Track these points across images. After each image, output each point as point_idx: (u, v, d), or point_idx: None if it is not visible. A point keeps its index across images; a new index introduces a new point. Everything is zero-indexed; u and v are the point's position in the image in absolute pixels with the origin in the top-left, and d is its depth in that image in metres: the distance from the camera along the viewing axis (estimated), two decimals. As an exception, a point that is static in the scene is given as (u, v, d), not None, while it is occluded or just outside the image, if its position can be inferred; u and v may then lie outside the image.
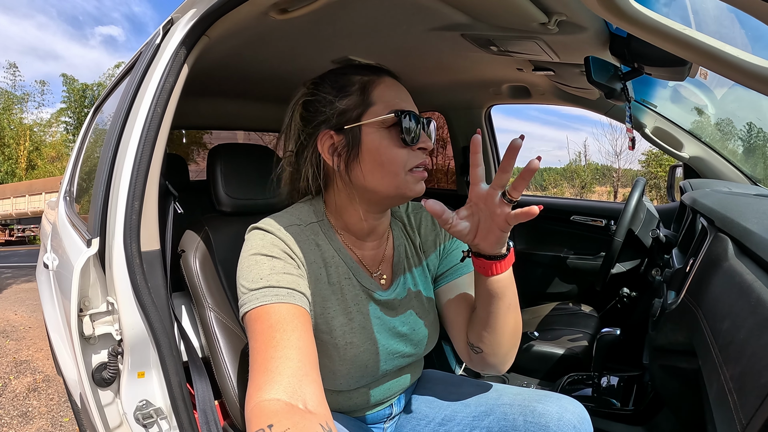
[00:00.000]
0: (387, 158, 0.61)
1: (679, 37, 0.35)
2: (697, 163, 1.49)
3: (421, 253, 0.74)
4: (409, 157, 0.62)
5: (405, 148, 0.62)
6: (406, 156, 0.62)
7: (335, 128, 0.63)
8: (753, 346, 0.43)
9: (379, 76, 0.65)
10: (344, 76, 0.65)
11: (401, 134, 0.61)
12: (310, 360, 0.52)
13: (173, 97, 0.81)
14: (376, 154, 0.61)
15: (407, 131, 0.61)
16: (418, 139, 0.63)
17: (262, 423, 0.44)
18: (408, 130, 0.61)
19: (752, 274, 0.51)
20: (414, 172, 0.63)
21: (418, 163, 0.63)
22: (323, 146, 0.63)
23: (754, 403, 0.38)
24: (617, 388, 1.23)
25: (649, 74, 0.97)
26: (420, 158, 0.63)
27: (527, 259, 1.94)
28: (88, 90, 20.35)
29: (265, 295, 0.55)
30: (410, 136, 0.62)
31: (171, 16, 0.89)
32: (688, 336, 0.68)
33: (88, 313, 0.84)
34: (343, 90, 0.63)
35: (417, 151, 0.63)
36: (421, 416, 0.75)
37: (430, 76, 1.44)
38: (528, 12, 0.79)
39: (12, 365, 2.68)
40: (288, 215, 0.65)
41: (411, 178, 0.63)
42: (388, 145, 0.61)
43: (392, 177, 0.62)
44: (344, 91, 0.63)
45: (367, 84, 0.64)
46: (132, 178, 0.78)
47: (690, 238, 0.94)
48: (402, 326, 0.69)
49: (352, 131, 0.62)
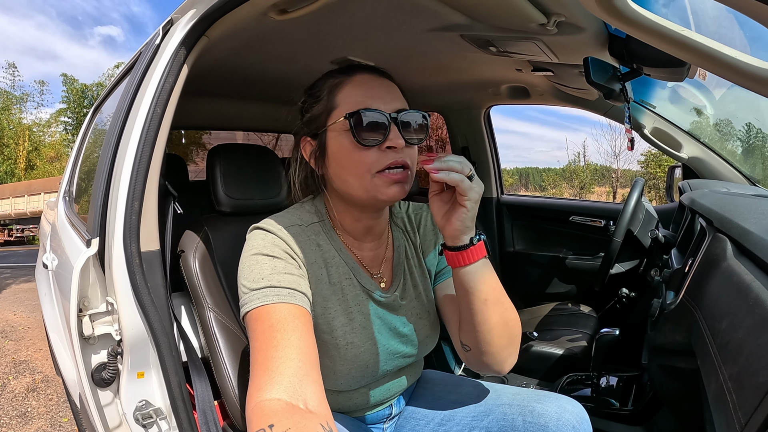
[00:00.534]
0: (349, 161, 0.60)
1: (676, 38, 0.35)
2: (695, 164, 1.49)
3: (420, 254, 0.74)
4: (376, 158, 0.59)
5: (369, 149, 0.59)
6: (372, 157, 0.59)
7: (310, 134, 0.64)
8: (751, 345, 0.43)
9: (350, 76, 0.63)
10: (319, 81, 0.65)
11: (354, 136, 0.59)
12: (311, 360, 0.52)
13: (173, 98, 0.81)
14: (339, 158, 0.61)
15: (360, 133, 0.58)
16: (385, 138, 0.59)
17: (263, 423, 0.44)
18: (360, 131, 0.58)
19: (750, 274, 0.51)
20: (384, 174, 0.59)
21: (389, 164, 0.59)
22: (306, 151, 0.66)
23: (753, 402, 0.38)
24: (616, 388, 1.24)
25: (648, 75, 0.97)
26: (388, 158, 0.59)
27: (526, 259, 1.94)
28: (87, 90, 20.34)
29: (266, 295, 0.55)
30: (367, 138, 0.58)
31: (171, 16, 0.89)
32: (687, 336, 0.68)
33: (88, 313, 0.84)
34: (313, 96, 0.65)
35: (386, 150, 0.59)
36: (420, 416, 0.75)
37: (429, 77, 1.44)
38: (527, 13, 0.80)
39: (11, 365, 2.67)
40: (289, 215, 0.66)
41: (379, 180, 0.59)
42: (348, 148, 0.60)
43: (358, 180, 0.60)
44: (314, 97, 0.64)
45: (333, 87, 0.63)
46: (132, 178, 0.78)
47: (689, 238, 0.94)
48: (402, 327, 0.69)
49: (320, 136, 0.63)
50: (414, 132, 0.62)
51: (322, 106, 0.63)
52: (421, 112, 0.63)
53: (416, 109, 0.62)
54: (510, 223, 2.02)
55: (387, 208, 0.70)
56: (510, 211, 2.02)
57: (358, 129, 0.59)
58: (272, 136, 2.29)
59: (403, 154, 0.60)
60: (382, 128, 0.59)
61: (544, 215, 1.94)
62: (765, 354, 0.40)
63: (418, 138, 0.62)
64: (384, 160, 0.59)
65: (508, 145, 44.40)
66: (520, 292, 1.99)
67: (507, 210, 2.02)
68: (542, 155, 42.16)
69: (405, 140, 0.60)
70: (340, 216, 0.68)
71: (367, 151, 0.59)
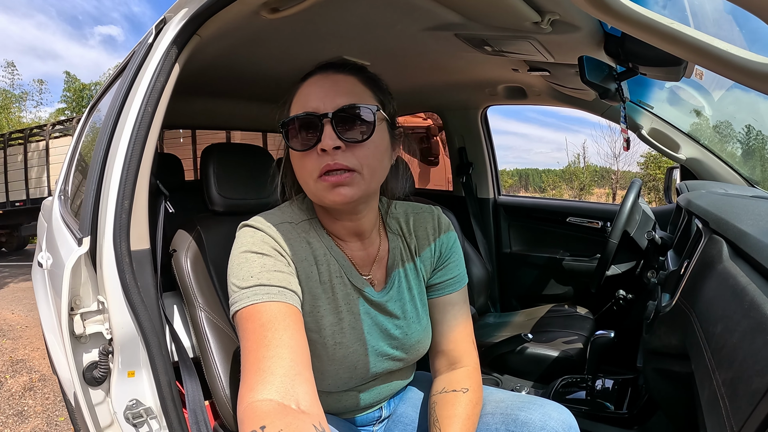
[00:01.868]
0: (296, 167, 0.61)
1: (668, 32, 0.34)
2: (694, 165, 1.48)
3: (416, 257, 0.72)
4: (312, 164, 0.57)
5: (309, 153, 0.57)
6: (309, 163, 0.58)
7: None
8: (745, 350, 0.42)
9: (305, 80, 0.62)
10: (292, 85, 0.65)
11: (287, 143, 0.58)
12: (303, 359, 0.51)
13: (164, 97, 0.80)
14: (292, 163, 0.62)
15: (294, 141, 0.58)
16: (318, 140, 0.56)
17: (255, 424, 0.43)
18: (293, 137, 0.58)
19: (746, 277, 0.50)
20: (322, 178, 0.56)
21: (323, 169, 0.56)
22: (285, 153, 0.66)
23: (746, 410, 0.37)
24: (611, 391, 1.23)
25: (644, 74, 0.97)
26: (322, 162, 0.56)
27: (523, 260, 1.94)
28: (86, 90, 20.34)
29: (256, 294, 0.54)
30: (299, 144, 0.57)
31: (164, 15, 0.89)
32: (682, 339, 0.68)
33: (79, 312, 0.84)
34: (283, 100, 0.65)
35: (322, 154, 0.56)
36: (408, 420, 0.74)
37: (425, 77, 1.44)
38: (520, 11, 0.79)
39: (8, 364, 2.67)
40: (279, 213, 0.65)
41: (320, 185, 0.57)
42: (293, 155, 0.60)
43: (305, 186, 0.60)
44: (282, 102, 0.65)
45: (291, 92, 0.63)
46: (122, 176, 0.78)
47: (685, 240, 0.93)
48: (394, 329, 0.68)
49: None
50: (358, 129, 0.57)
51: (284, 110, 0.63)
52: (367, 105, 0.58)
53: (362, 104, 0.58)
54: (507, 224, 2.01)
55: (374, 208, 0.68)
56: (507, 211, 2.01)
57: (291, 135, 0.58)
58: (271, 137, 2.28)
59: (342, 157, 0.56)
60: (315, 130, 0.57)
61: (541, 216, 1.94)
62: (759, 360, 0.39)
63: (362, 135, 0.57)
64: (316, 165, 0.57)
65: (508, 147, 44.35)
66: (516, 293, 1.98)
67: (504, 211, 2.02)
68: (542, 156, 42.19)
69: (343, 140, 0.56)
70: (320, 216, 0.67)
71: (306, 155, 0.58)
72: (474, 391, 0.66)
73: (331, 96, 0.58)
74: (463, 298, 0.73)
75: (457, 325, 0.71)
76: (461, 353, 0.71)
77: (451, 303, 0.72)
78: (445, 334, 0.71)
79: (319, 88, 0.59)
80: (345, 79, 0.60)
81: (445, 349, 0.71)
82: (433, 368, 0.74)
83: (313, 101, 0.58)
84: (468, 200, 2.02)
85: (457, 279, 0.72)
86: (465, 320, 0.72)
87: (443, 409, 0.64)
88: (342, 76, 0.61)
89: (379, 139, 0.60)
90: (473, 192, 2.04)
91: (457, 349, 0.71)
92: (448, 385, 0.68)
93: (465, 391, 0.66)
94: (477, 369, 0.71)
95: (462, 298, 0.73)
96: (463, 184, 2.03)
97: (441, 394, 0.67)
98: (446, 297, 0.71)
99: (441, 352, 0.72)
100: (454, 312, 0.71)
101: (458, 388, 0.66)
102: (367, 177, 0.58)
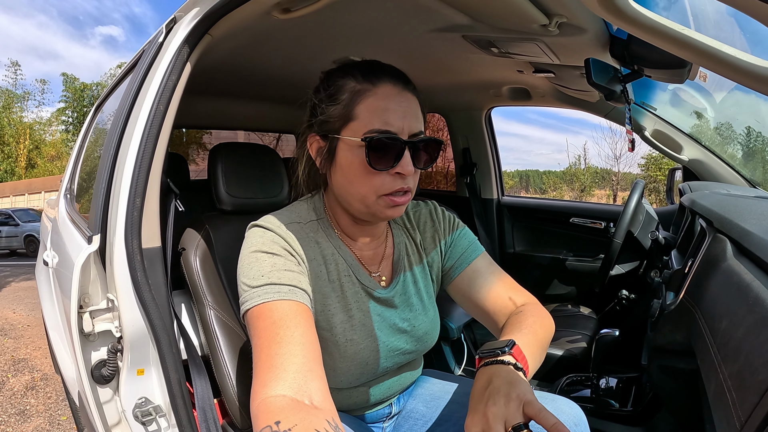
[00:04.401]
0: (356, 179, 0.60)
1: (678, 36, 0.35)
2: (696, 166, 1.50)
3: (421, 250, 0.74)
4: (383, 182, 0.59)
5: (379, 173, 0.59)
6: (380, 181, 0.59)
7: (320, 134, 0.63)
8: (751, 343, 0.43)
9: (375, 85, 0.60)
10: (341, 79, 0.62)
11: (368, 160, 0.57)
12: (314, 356, 0.52)
13: (176, 96, 0.81)
14: (348, 173, 0.61)
15: (375, 158, 0.57)
16: (396, 163, 0.58)
17: (269, 420, 0.44)
18: (373, 156, 0.57)
19: (750, 274, 0.51)
20: (389, 197, 0.59)
21: (394, 190, 0.59)
22: (312, 148, 0.65)
23: (753, 400, 0.38)
24: (616, 389, 1.23)
25: (649, 76, 0.98)
26: (396, 185, 0.59)
27: (527, 260, 1.94)
28: (87, 90, 20.36)
29: (266, 292, 0.55)
30: (380, 163, 0.58)
31: (174, 14, 0.90)
32: (687, 336, 0.68)
33: (88, 310, 0.84)
34: (332, 97, 0.62)
35: (395, 175, 0.59)
36: (419, 415, 0.75)
37: (430, 78, 1.45)
38: (529, 13, 0.80)
39: (10, 363, 2.67)
40: (288, 213, 0.66)
41: (382, 202, 0.60)
42: (358, 167, 0.59)
43: (360, 197, 0.61)
44: (333, 99, 0.62)
45: (356, 94, 0.60)
46: (134, 175, 0.78)
47: (689, 239, 0.94)
48: (402, 323, 0.69)
49: (331, 141, 0.62)
50: (424, 157, 0.62)
51: (339, 111, 0.61)
52: (436, 138, 0.62)
53: (432, 137, 0.62)
54: (510, 225, 2.02)
55: None
56: (510, 212, 2.02)
57: (371, 153, 0.57)
58: (273, 137, 2.29)
59: (410, 180, 0.60)
60: (395, 153, 0.58)
61: (544, 217, 1.95)
62: (765, 352, 0.40)
63: (428, 164, 0.62)
64: (391, 185, 0.59)
65: (509, 148, 44.41)
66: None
67: (507, 211, 2.03)
68: (543, 158, 42.28)
69: (416, 167, 0.60)
70: (337, 216, 0.68)
71: (377, 174, 0.59)
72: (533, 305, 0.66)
73: (408, 119, 0.60)
74: (487, 261, 0.72)
75: (494, 282, 0.70)
76: (511, 303, 0.68)
77: (476, 270, 0.71)
78: (487, 298, 0.69)
79: (397, 105, 0.59)
80: (414, 101, 0.62)
81: (494, 309, 0.68)
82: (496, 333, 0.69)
83: (393, 120, 0.58)
84: (472, 201, 2.03)
85: (472, 248, 0.73)
86: (500, 277, 0.71)
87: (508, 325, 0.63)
88: (409, 95, 0.62)
89: None
90: (477, 192, 2.05)
91: (507, 302, 0.68)
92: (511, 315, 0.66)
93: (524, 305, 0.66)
94: (537, 303, 0.69)
95: (485, 261, 0.72)
96: (467, 185, 2.04)
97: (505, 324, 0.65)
98: (469, 267, 0.71)
99: (492, 313, 0.69)
100: (484, 275, 0.70)
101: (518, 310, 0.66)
102: (412, 196, 0.63)
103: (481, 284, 0.70)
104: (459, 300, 0.74)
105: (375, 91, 0.60)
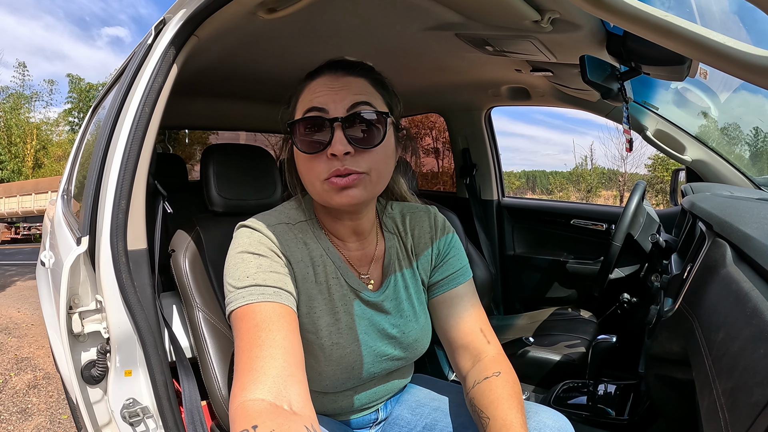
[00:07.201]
0: (302, 168, 0.60)
1: (663, 25, 0.33)
2: (699, 167, 1.46)
3: (412, 256, 0.72)
4: (320, 167, 0.57)
5: (317, 156, 0.57)
6: (317, 166, 0.57)
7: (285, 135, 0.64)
8: (746, 359, 0.41)
9: (312, 79, 0.60)
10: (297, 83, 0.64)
11: (297, 146, 0.57)
12: (296, 360, 0.51)
13: (162, 97, 0.80)
14: (297, 164, 0.62)
15: (304, 143, 0.57)
16: (328, 144, 0.55)
17: (247, 423, 0.43)
18: (302, 139, 0.57)
19: (749, 282, 0.49)
20: (330, 181, 0.56)
21: (331, 173, 0.56)
22: (286, 149, 0.66)
23: (745, 423, 0.36)
24: (613, 396, 1.21)
25: (647, 74, 0.95)
26: (332, 167, 0.55)
27: (526, 263, 1.92)
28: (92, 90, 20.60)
29: (251, 294, 0.54)
30: (310, 147, 0.56)
31: (164, 16, 0.89)
32: (684, 345, 0.66)
33: (78, 310, 0.84)
34: (286, 100, 0.64)
35: (331, 157, 0.56)
36: (404, 423, 0.73)
37: (428, 78, 1.43)
38: (519, 10, 0.78)
39: (13, 362, 2.69)
40: (276, 214, 0.65)
41: (327, 187, 0.57)
42: (299, 155, 0.59)
43: (311, 186, 0.60)
44: (286, 101, 0.64)
45: (296, 91, 0.62)
46: (119, 176, 0.78)
47: (689, 243, 0.91)
48: (391, 328, 0.68)
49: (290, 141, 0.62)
50: (368, 134, 0.57)
51: (288, 111, 0.63)
52: (378, 110, 0.58)
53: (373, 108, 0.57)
54: (510, 226, 2.00)
55: (373, 208, 0.68)
56: (510, 213, 2.00)
57: (300, 137, 0.57)
58: (278, 137, 2.28)
59: (352, 161, 0.56)
60: (324, 133, 0.56)
61: (545, 218, 1.92)
62: (760, 370, 0.38)
63: (373, 141, 0.57)
64: (326, 168, 0.56)
65: (515, 148, 44.23)
66: (519, 295, 1.97)
67: (507, 213, 2.00)
68: (549, 158, 42.05)
69: (354, 145, 0.56)
70: (320, 216, 0.67)
71: (315, 158, 0.57)
72: (507, 373, 0.63)
73: (342, 98, 0.57)
74: (471, 290, 0.72)
75: (469, 315, 0.69)
76: (481, 343, 0.67)
77: (458, 296, 0.70)
78: (459, 328, 0.68)
79: (328, 88, 0.58)
80: (355, 81, 0.59)
81: (463, 343, 0.68)
82: (458, 370, 0.69)
83: (320, 102, 0.57)
84: (472, 202, 2.01)
85: (461, 272, 0.71)
86: (477, 311, 0.70)
87: (481, 398, 0.61)
88: (352, 77, 0.60)
89: (387, 143, 0.60)
90: (477, 194, 2.03)
91: (476, 341, 0.67)
92: (479, 376, 0.64)
93: (497, 374, 0.63)
94: (502, 354, 0.67)
95: (469, 290, 0.71)
96: (467, 186, 2.02)
97: (474, 388, 0.63)
98: (452, 291, 0.70)
99: (460, 347, 0.68)
100: (463, 304, 0.70)
101: (489, 375, 0.63)
102: (374, 180, 0.58)
103: (458, 312, 0.69)
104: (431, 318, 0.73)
105: (310, 83, 0.60)
